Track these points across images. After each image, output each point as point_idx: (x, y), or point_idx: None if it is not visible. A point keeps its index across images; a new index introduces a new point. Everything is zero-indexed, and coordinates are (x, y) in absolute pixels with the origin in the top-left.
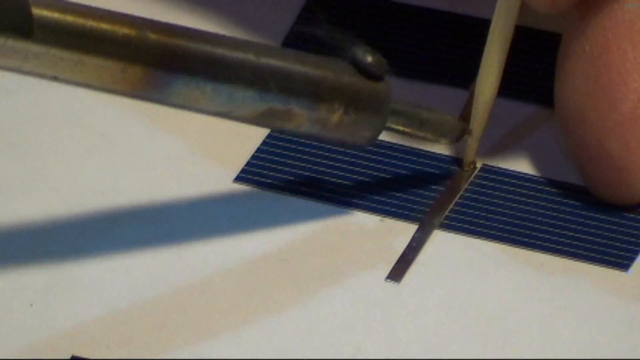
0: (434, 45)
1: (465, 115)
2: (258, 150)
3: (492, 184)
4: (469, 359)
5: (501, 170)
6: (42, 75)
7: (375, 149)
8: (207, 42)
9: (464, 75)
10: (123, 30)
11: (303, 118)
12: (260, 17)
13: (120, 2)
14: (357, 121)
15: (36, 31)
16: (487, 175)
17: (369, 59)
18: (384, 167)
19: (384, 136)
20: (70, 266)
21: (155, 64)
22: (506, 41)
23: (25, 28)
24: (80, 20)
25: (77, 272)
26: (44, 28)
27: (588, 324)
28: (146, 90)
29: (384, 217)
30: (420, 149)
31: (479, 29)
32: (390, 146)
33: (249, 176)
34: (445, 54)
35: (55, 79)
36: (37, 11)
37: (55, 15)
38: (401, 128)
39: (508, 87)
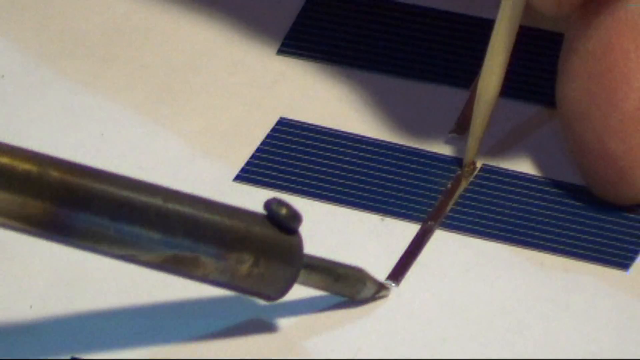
0: (434, 45)
1: (465, 115)
2: (258, 150)
3: (492, 184)
4: (469, 359)
5: (501, 170)
6: None
7: (375, 149)
8: (113, 183)
9: (464, 75)
10: (23, 166)
11: (210, 267)
12: (260, 17)
13: (121, 3)
14: (268, 273)
15: None
16: (487, 175)
17: (283, 211)
18: (384, 167)
19: (385, 136)
20: (70, 267)
21: (56, 202)
22: (509, 42)
23: None
24: None
25: (77, 273)
26: None
27: (588, 324)
28: (47, 229)
29: (384, 216)
30: (421, 149)
31: (479, 29)
32: (390, 146)
33: (249, 176)
34: (445, 54)
35: None
36: None
37: None
38: (314, 282)
39: (508, 87)
